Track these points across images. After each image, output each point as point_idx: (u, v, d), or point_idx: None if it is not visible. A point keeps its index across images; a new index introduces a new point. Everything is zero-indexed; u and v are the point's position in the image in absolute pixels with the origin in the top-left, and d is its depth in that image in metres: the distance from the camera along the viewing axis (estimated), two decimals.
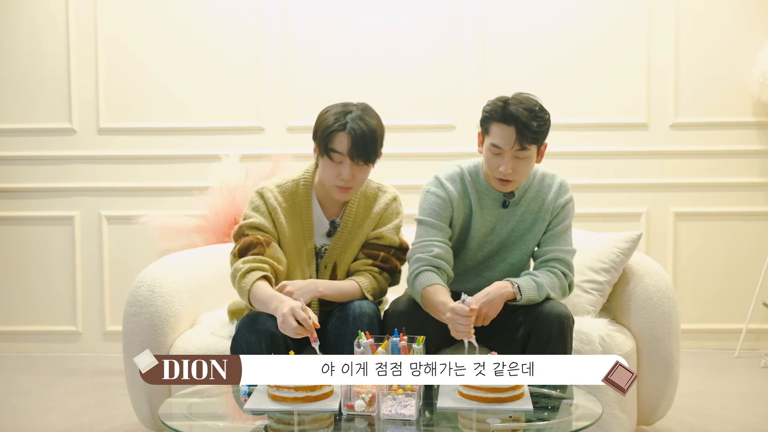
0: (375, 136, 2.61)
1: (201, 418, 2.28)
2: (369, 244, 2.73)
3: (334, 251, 2.71)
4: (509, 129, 2.52)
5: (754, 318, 4.22)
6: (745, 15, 4.20)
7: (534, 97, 2.58)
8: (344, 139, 2.57)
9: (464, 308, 2.37)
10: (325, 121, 2.60)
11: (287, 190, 2.70)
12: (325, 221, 2.72)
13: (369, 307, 2.57)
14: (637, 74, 4.25)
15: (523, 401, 2.17)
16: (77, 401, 3.54)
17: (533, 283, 2.54)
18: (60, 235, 4.40)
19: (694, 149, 4.26)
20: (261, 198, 2.67)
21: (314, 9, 4.29)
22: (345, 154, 2.57)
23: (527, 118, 2.51)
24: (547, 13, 4.25)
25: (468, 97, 4.27)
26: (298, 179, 2.72)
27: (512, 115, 2.51)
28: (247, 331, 2.50)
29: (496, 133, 2.54)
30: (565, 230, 2.67)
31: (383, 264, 2.70)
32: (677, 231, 4.31)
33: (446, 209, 2.66)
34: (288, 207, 2.69)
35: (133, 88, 4.34)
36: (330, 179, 2.61)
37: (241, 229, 2.66)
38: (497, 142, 2.54)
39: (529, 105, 2.54)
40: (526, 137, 2.52)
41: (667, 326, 2.81)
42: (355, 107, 2.63)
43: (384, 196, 2.78)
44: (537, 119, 2.53)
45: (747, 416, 3.26)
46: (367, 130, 2.58)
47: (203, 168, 4.02)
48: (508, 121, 2.51)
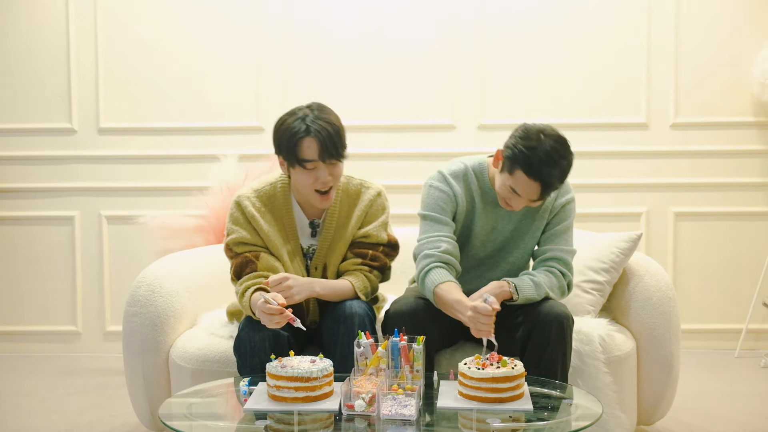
0: (339, 131, 2.57)
1: (201, 418, 2.27)
2: (357, 243, 2.70)
3: (321, 252, 2.69)
4: (534, 184, 2.46)
5: (754, 318, 4.22)
6: (745, 15, 4.20)
7: (561, 142, 2.46)
8: (312, 144, 2.52)
9: (487, 308, 2.33)
10: (286, 132, 2.54)
11: (265, 193, 2.68)
12: (306, 222, 2.71)
13: (360, 307, 2.56)
14: (637, 74, 4.24)
15: (523, 401, 2.18)
16: (77, 401, 3.54)
17: (531, 283, 2.54)
18: (60, 235, 4.40)
19: (694, 149, 4.26)
20: (238, 208, 2.66)
21: (314, 10, 4.29)
22: (317, 159, 2.53)
23: (556, 179, 2.46)
24: (547, 14, 4.25)
25: (467, 98, 4.28)
26: (276, 182, 2.70)
27: (540, 175, 2.43)
28: (251, 330, 2.50)
29: (519, 180, 2.46)
30: (565, 230, 2.66)
31: (372, 262, 2.68)
32: (677, 231, 4.31)
33: (450, 204, 2.64)
34: (267, 211, 2.66)
35: (133, 88, 4.34)
36: (307, 187, 2.58)
37: (229, 247, 2.66)
38: (519, 190, 2.49)
39: (558, 162, 2.43)
40: (547, 194, 2.50)
41: (667, 326, 2.81)
42: (309, 109, 2.59)
43: (367, 192, 2.73)
44: (562, 177, 2.48)
45: (747, 416, 3.26)
46: (330, 128, 2.54)
47: (203, 168, 4.03)
48: (535, 177, 2.44)
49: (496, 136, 4.23)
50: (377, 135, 4.29)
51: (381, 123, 4.29)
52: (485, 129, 4.28)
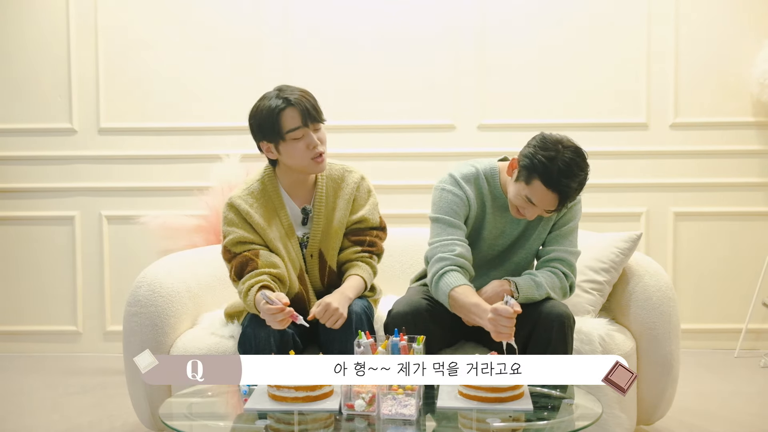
0: (312, 96, 2.63)
1: (201, 418, 2.28)
2: (353, 230, 2.73)
3: (315, 239, 2.70)
4: (552, 195, 2.45)
5: (753, 318, 4.22)
6: (745, 15, 4.20)
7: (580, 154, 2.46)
8: (293, 113, 2.56)
9: (508, 310, 2.29)
10: (265, 111, 2.58)
11: (256, 191, 2.69)
12: (297, 210, 2.71)
13: (356, 304, 2.58)
14: (637, 74, 4.25)
15: (523, 401, 2.18)
16: (77, 401, 3.54)
17: (532, 282, 2.54)
18: (60, 235, 4.40)
19: (694, 149, 4.26)
20: (231, 208, 2.66)
21: (314, 10, 4.29)
22: (302, 125, 2.56)
23: (574, 191, 2.46)
24: (547, 15, 4.25)
25: (467, 98, 4.28)
26: (262, 177, 2.71)
27: (558, 185, 2.43)
28: (256, 327, 2.51)
29: (537, 191, 2.46)
30: (570, 231, 2.66)
31: (371, 248, 2.72)
32: (677, 231, 4.31)
33: (464, 208, 2.62)
34: (260, 206, 2.67)
35: (133, 88, 4.34)
36: (302, 158, 2.59)
37: (227, 249, 2.65)
38: (535, 200, 2.48)
39: (577, 174, 2.43)
40: (564, 205, 2.49)
41: (667, 326, 2.81)
42: (276, 90, 2.63)
43: (351, 176, 2.75)
44: (580, 189, 2.48)
45: (747, 416, 3.26)
46: (305, 95, 2.60)
47: (203, 168, 4.03)
48: (554, 188, 2.44)
49: (496, 136, 4.28)
50: (377, 135, 4.29)
51: (381, 123, 4.29)
52: (485, 129, 4.28)
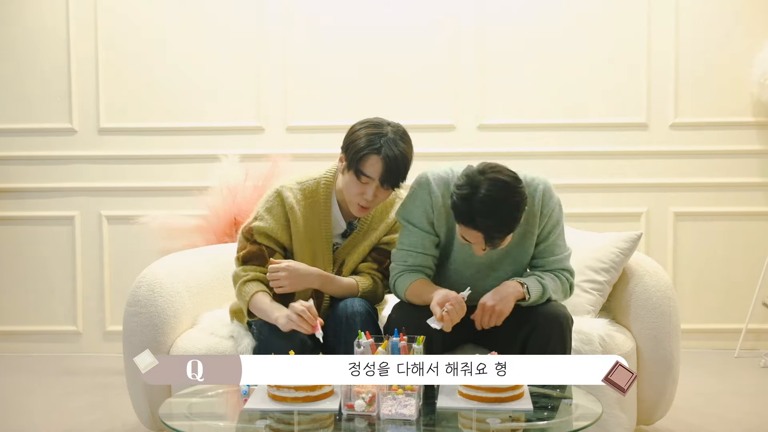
0: (407, 162, 2.55)
1: (201, 418, 2.28)
2: (379, 249, 2.72)
3: (344, 250, 2.70)
4: (477, 234, 2.36)
5: (753, 318, 4.22)
6: (745, 15, 4.20)
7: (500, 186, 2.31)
8: (376, 163, 2.50)
9: (458, 296, 2.38)
10: (358, 141, 2.51)
11: (308, 188, 2.67)
12: (343, 222, 2.70)
13: (361, 306, 2.57)
14: (637, 74, 4.24)
15: (523, 401, 2.18)
16: (77, 401, 3.54)
17: (540, 286, 2.53)
18: (60, 235, 4.40)
19: (694, 149, 4.26)
20: (278, 197, 2.64)
21: (314, 10, 4.29)
22: (375, 178, 2.52)
23: (495, 229, 2.34)
24: (546, 15, 4.25)
25: (467, 98, 4.28)
26: (320, 178, 2.68)
27: (477, 226, 2.33)
28: (275, 337, 2.49)
29: (464, 230, 2.39)
30: (557, 237, 2.60)
31: (387, 271, 2.69)
32: (677, 231, 4.31)
33: (431, 213, 2.56)
34: (307, 205, 2.65)
35: (133, 88, 4.34)
36: (352, 196, 2.57)
37: (251, 233, 2.64)
38: (468, 239, 2.41)
39: (495, 210, 2.30)
40: (499, 239, 2.38)
41: (667, 326, 2.81)
42: (390, 128, 2.55)
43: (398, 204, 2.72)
44: (508, 223, 2.34)
45: (747, 416, 3.26)
46: (400, 156, 2.51)
47: (203, 168, 4.02)
48: (476, 228, 2.34)
49: (496, 136, 4.28)
50: None
51: None
52: (485, 129, 4.28)
